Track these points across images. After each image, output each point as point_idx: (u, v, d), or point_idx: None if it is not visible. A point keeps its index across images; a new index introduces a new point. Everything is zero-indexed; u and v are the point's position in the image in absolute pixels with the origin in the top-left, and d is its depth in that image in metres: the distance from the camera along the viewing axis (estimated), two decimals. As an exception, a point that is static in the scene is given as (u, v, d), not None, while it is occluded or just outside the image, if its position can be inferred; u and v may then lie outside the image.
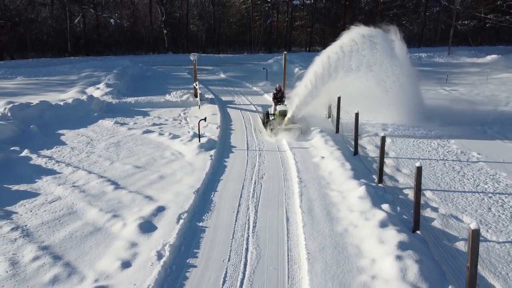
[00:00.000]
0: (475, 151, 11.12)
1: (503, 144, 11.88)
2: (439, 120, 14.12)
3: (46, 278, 5.79)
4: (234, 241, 6.76)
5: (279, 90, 14.86)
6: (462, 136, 12.49)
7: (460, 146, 11.63)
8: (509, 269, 5.85)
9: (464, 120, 14.37)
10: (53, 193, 8.74)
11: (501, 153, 11.02)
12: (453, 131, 13.12)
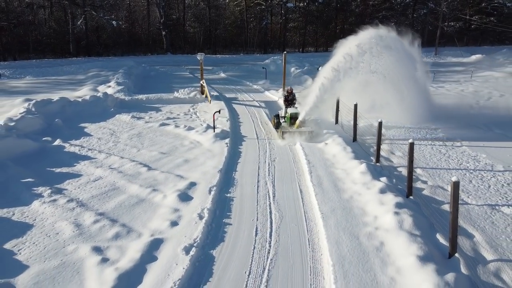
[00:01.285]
0: (459, 137, 12.63)
1: (484, 132, 13.41)
2: (428, 113, 15.41)
3: (109, 235, 7.07)
4: (259, 207, 8.11)
5: (291, 93, 14.38)
6: (448, 126, 14.00)
7: (446, 133, 13.14)
8: (485, 223, 7.28)
9: (450, 113, 15.87)
10: (94, 174, 10.00)
11: (482, 138, 12.52)
12: (439, 122, 14.62)
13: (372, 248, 6.37)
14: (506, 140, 12.38)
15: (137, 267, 6.03)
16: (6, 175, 9.63)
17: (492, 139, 12.50)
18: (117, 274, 5.81)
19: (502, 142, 12.16)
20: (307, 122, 13.35)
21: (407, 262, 5.83)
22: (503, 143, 12.06)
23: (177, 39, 46.26)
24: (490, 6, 52.79)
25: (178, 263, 6.06)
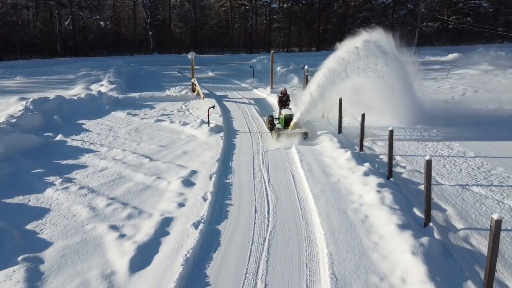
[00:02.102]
0: (435, 129, 13.72)
1: (459, 125, 14.52)
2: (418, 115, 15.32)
3: (123, 215, 7.81)
4: (256, 190, 8.97)
5: (285, 94, 14.15)
6: (425, 120, 15.08)
7: (424, 127, 14.22)
8: (456, 200, 8.28)
9: (427, 107, 17.00)
10: (99, 165, 10.69)
11: (457, 131, 13.61)
12: (418, 116, 15.68)
13: (358, 220, 7.29)
14: (477, 131, 13.50)
15: (153, 240, 6.81)
16: (16, 167, 10.24)
17: (465, 131, 13.60)
18: (136, 246, 6.58)
19: (474, 133, 13.26)
20: (301, 123, 13.29)
21: (388, 230, 6.77)
22: (474, 133, 13.17)
23: (163, 39, 46.77)
24: (467, 6, 54.78)
25: (189, 236, 6.86)
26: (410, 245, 6.12)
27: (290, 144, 12.00)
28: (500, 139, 12.49)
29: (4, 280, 5.83)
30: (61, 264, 6.26)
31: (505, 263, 6.05)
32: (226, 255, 6.45)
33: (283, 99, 14.08)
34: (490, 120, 14.72)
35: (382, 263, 6.00)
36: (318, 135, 12.73)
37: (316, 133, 12.95)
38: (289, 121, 13.03)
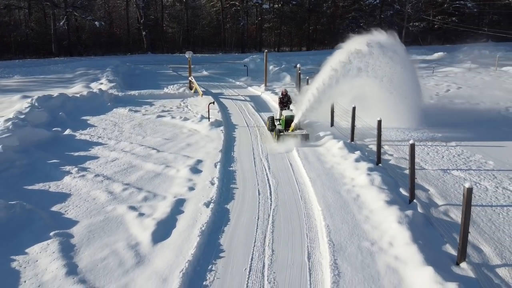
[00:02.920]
0: (421, 125, 14.72)
1: (442, 117, 15.59)
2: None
3: (139, 198, 8.62)
4: (258, 176, 9.84)
5: (285, 95, 14.05)
6: (412, 114, 16.08)
7: (410, 120, 15.20)
8: (438, 182, 9.25)
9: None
10: (110, 156, 11.45)
11: (440, 123, 14.64)
12: (406, 109, 16.69)
13: (351, 199, 8.22)
14: (459, 123, 14.55)
15: (170, 217, 7.64)
16: (33, 158, 10.96)
17: (447, 123, 14.63)
18: (155, 222, 7.40)
19: (456, 125, 14.29)
20: (302, 125, 13.26)
21: (377, 205, 7.70)
22: (457, 125, 14.20)
23: (156, 39, 47.36)
24: (452, 7, 56.36)
25: (202, 213, 7.71)
26: (396, 216, 7.05)
27: (291, 146, 11.80)
28: (480, 130, 13.54)
29: (40, 252, 6.60)
30: (89, 238, 7.05)
31: (480, 231, 7.01)
32: (236, 228, 7.31)
33: (283, 100, 13.98)
34: (472, 115, 15.82)
35: (373, 232, 6.92)
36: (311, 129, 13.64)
37: (315, 134, 12.90)
38: (290, 122, 12.81)
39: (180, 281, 5.66)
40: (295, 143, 11.97)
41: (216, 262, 6.28)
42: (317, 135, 12.86)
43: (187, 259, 6.17)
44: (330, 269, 5.87)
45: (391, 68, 13.57)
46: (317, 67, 30.77)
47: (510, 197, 8.48)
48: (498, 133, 13.37)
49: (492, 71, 30.48)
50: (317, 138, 12.68)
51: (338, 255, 6.22)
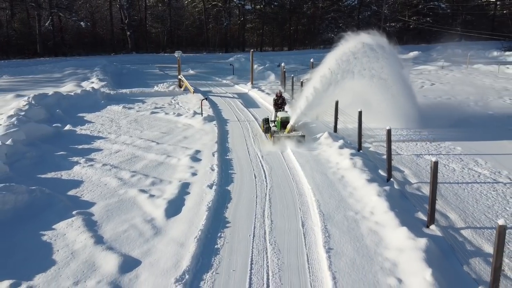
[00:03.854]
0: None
1: (422, 112, 16.89)
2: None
3: (147, 183, 9.53)
4: (252, 163, 10.88)
5: (280, 96, 14.12)
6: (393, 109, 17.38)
7: (390, 114, 16.50)
8: (412, 165, 10.47)
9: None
10: (113, 148, 12.28)
11: (421, 116, 15.91)
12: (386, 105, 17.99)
13: (336, 179, 9.35)
14: (432, 115, 15.89)
15: (178, 197, 8.59)
16: (41, 150, 11.71)
17: (423, 116, 15.96)
18: (165, 201, 8.34)
19: (429, 118, 15.61)
20: (297, 126, 13.18)
21: (359, 183, 8.85)
22: (430, 118, 15.53)
23: (140, 39, 47.81)
24: (426, 7, 58.66)
25: (207, 193, 8.70)
26: (376, 191, 8.20)
27: (287, 148, 11.81)
28: (450, 121, 14.91)
29: (66, 227, 7.46)
30: (108, 215, 7.95)
31: (447, 202, 8.22)
32: (238, 205, 8.34)
33: (278, 101, 14.00)
34: (444, 107, 17.27)
35: (356, 204, 8.06)
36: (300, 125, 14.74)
37: (312, 136, 12.75)
38: (286, 124, 12.76)
39: (196, 245, 6.64)
40: (291, 144, 11.92)
41: (224, 231, 7.29)
42: (314, 137, 12.67)
43: (199, 229, 7.16)
44: (321, 233, 6.95)
45: (385, 68, 13.80)
46: (299, 66, 32.15)
47: (474, 175, 9.77)
48: (466, 123, 14.78)
49: (464, 68, 32.39)
50: (314, 140, 12.45)
51: (327, 222, 7.33)
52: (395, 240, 6.55)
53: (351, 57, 13.49)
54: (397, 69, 14.98)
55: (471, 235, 7.00)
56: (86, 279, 5.89)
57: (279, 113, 13.43)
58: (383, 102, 13.97)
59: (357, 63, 13.45)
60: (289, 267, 6.15)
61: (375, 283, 5.64)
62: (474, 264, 6.14)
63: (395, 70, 14.61)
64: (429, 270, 5.54)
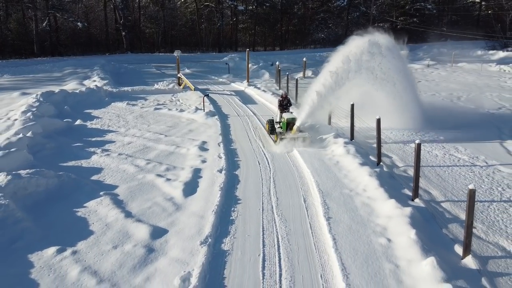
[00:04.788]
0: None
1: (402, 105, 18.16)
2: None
3: (162, 169, 10.52)
4: (255, 152, 11.95)
5: (285, 97, 14.04)
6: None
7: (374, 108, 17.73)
8: (399, 151, 11.63)
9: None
10: (124, 140, 13.24)
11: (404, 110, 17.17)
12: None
13: (332, 164, 10.47)
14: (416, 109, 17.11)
15: (192, 180, 9.61)
16: (58, 142, 12.62)
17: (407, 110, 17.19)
18: (182, 183, 9.36)
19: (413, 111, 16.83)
20: (303, 127, 13.08)
21: (353, 167, 9.98)
22: (414, 112, 16.76)
23: (135, 39, 48.54)
24: (413, 8, 60.35)
25: (217, 177, 9.74)
26: (367, 172, 9.34)
27: (292, 149, 11.83)
28: (434, 114, 16.15)
29: (97, 205, 8.44)
30: (132, 195, 8.94)
31: (430, 182, 9.38)
32: (246, 185, 9.40)
33: (283, 102, 13.93)
34: (428, 102, 18.51)
35: (350, 183, 9.19)
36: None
37: (318, 136, 12.78)
38: (292, 125, 12.70)
39: (214, 217, 7.69)
40: (297, 145, 11.95)
41: (236, 206, 8.35)
42: (320, 137, 12.68)
43: (215, 204, 8.21)
44: (321, 206, 8.05)
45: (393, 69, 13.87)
46: (292, 65, 33.32)
47: (454, 160, 10.97)
48: (449, 116, 16.04)
49: (449, 67, 33.91)
50: (320, 140, 12.50)
51: (326, 198, 8.43)
52: (384, 210, 7.69)
53: (363, 56, 13.35)
54: (403, 69, 14.96)
55: (450, 206, 8.17)
56: (123, 244, 6.90)
57: (285, 114, 13.33)
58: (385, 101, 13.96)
59: (367, 63, 13.32)
60: (295, 232, 7.24)
61: (368, 242, 6.75)
62: (452, 228, 7.30)
63: (401, 70, 14.58)
64: (413, 231, 6.67)
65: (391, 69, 13.91)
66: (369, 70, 13.40)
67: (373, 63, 13.49)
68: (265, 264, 6.31)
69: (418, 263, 5.96)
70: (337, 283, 5.79)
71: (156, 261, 6.42)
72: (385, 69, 13.72)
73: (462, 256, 6.32)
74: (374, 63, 13.52)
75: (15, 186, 8.49)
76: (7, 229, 7.15)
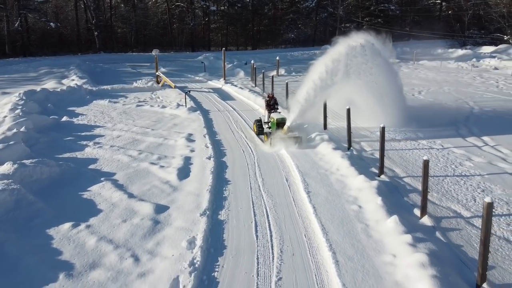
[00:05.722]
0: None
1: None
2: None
3: (154, 158, 11.43)
4: (238, 141, 13.05)
5: (272, 97, 14.03)
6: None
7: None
8: (367, 139, 13.03)
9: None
10: (113, 134, 14.00)
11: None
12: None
13: (309, 149, 11.72)
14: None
15: (184, 166, 10.59)
16: (51, 136, 13.25)
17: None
18: (175, 169, 10.32)
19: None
20: (292, 127, 12.95)
21: (327, 151, 11.24)
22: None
23: (107, 39, 48.46)
24: (378, 9, 63.06)
25: (207, 163, 10.76)
26: (340, 155, 10.64)
27: (281, 148, 11.91)
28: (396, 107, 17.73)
29: (100, 189, 9.28)
30: (131, 180, 9.83)
31: (394, 162, 10.78)
32: (234, 169, 10.49)
33: (270, 103, 13.90)
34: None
35: (325, 165, 10.45)
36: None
37: (308, 136, 12.93)
38: (282, 125, 12.68)
39: (209, 195, 8.73)
40: (289, 146, 12.00)
41: (227, 186, 9.42)
42: (310, 137, 12.95)
43: (208, 185, 9.25)
44: (301, 183, 9.25)
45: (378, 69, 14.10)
46: (265, 64, 34.53)
47: (415, 144, 12.46)
48: (411, 109, 17.65)
49: (411, 64, 36.14)
50: (310, 140, 12.81)
51: (305, 176, 9.64)
52: (355, 184, 8.98)
53: (349, 58, 13.46)
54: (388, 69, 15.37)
55: (410, 181, 9.57)
56: (131, 218, 7.84)
57: (273, 114, 13.31)
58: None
59: (354, 64, 13.46)
60: (281, 204, 8.41)
61: (342, 209, 8.00)
62: (411, 196, 8.68)
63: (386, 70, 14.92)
64: (379, 198, 7.97)
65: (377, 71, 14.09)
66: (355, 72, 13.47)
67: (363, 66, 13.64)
68: (258, 228, 7.43)
69: (383, 222, 7.25)
70: (318, 239, 6.98)
71: (163, 230, 7.41)
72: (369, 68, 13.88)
73: (420, 216, 7.67)
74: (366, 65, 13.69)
75: (22, 173, 9.22)
76: (23, 210, 7.94)
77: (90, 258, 6.56)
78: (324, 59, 13.81)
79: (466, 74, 29.00)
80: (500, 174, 10.04)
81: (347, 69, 13.16)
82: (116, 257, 6.55)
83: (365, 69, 13.71)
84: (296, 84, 20.50)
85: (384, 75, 14.50)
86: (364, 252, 6.50)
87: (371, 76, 13.85)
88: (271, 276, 6.03)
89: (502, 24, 48.40)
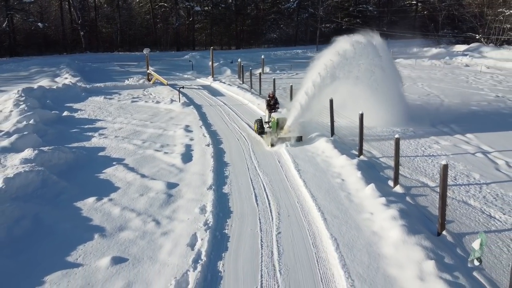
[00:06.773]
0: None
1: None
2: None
3: (157, 146, 12.59)
4: (233, 132, 14.31)
5: (273, 97, 14.04)
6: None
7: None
8: (347, 129, 14.48)
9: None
10: (114, 126, 15.06)
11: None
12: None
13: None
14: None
15: (186, 152, 11.80)
16: (57, 129, 14.23)
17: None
18: (179, 154, 11.53)
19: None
20: (293, 126, 13.08)
21: (312, 137, 12.64)
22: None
23: (93, 38, 48.92)
24: (356, 10, 65.22)
25: (207, 149, 12.00)
26: (325, 140, 12.05)
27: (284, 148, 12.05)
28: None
29: (114, 170, 10.41)
30: (140, 164, 10.98)
31: (372, 146, 12.24)
32: (231, 154, 11.76)
33: (271, 102, 13.98)
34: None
35: (312, 148, 11.83)
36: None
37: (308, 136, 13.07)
38: (283, 125, 12.90)
39: (212, 174, 9.99)
40: (290, 145, 12.26)
41: (227, 167, 10.69)
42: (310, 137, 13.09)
43: (210, 166, 10.51)
44: (292, 163, 10.60)
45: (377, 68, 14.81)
46: (250, 62, 35.80)
47: (390, 132, 13.95)
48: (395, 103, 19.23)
49: (388, 63, 37.84)
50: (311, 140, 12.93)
51: (295, 158, 11.00)
52: (338, 163, 10.39)
53: (348, 58, 14.10)
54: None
55: (386, 160, 11.04)
56: (147, 193, 9.03)
57: (274, 114, 13.40)
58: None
59: (354, 63, 14.08)
60: (275, 180, 9.74)
61: (328, 182, 9.38)
62: (386, 172, 10.13)
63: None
64: (359, 172, 9.39)
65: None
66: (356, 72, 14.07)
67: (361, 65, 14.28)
68: (257, 198, 8.74)
69: (362, 190, 8.66)
70: (309, 204, 8.34)
71: (176, 201, 8.63)
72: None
73: (393, 186, 9.12)
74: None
75: (42, 158, 10.29)
76: (49, 188, 9.03)
77: (118, 223, 7.74)
78: (324, 59, 14.31)
79: (439, 71, 30.97)
80: (463, 154, 11.62)
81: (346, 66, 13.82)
82: (140, 221, 7.75)
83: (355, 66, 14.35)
84: (281, 81, 22.00)
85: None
86: (347, 212, 7.89)
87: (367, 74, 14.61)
88: (272, 231, 7.35)
89: (474, 23, 51.04)
